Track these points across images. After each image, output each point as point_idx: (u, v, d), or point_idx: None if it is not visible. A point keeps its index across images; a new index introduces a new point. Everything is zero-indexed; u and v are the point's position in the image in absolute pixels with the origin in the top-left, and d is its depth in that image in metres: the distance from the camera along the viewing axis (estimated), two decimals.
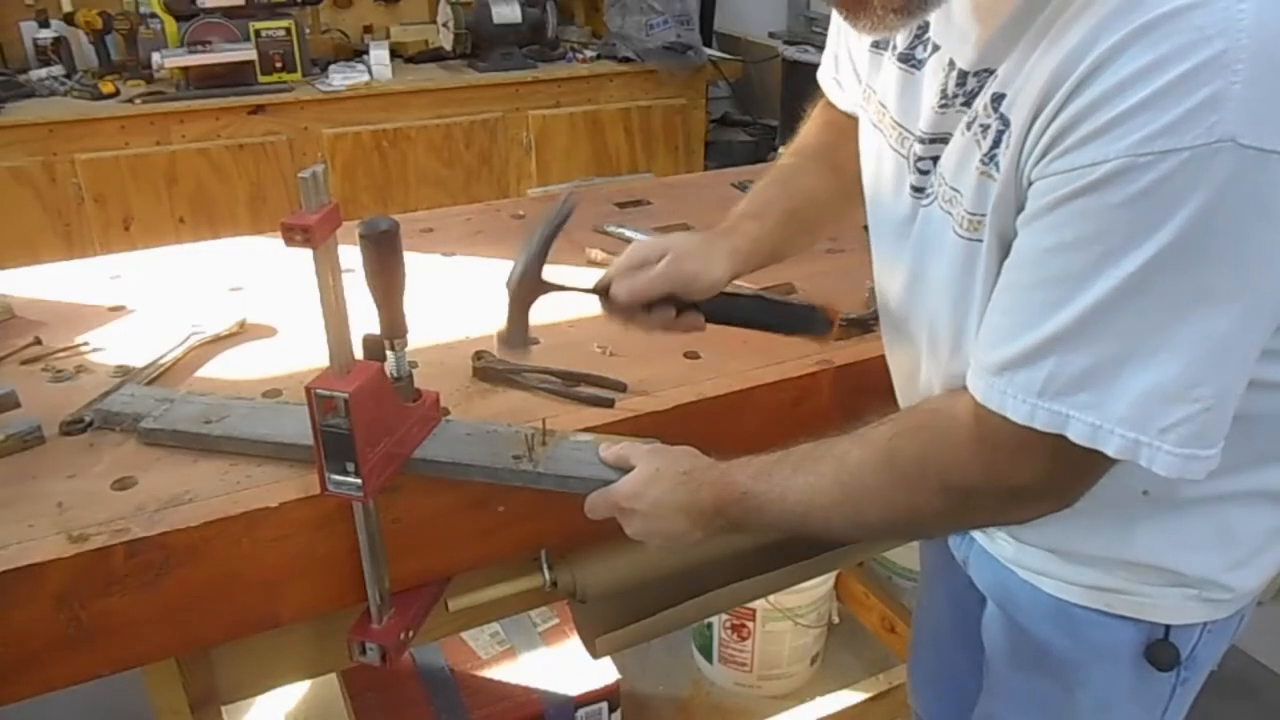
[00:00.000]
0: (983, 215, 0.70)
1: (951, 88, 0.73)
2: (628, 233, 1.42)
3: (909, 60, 0.81)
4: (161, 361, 1.07)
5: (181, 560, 0.81)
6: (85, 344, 1.12)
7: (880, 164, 0.86)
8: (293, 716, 1.80)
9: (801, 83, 3.04)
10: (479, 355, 1.07)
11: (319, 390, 0.77)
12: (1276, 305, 0.61)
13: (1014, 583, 0.89)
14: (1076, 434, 0.63)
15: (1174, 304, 0.58)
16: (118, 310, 1.22)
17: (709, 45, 3.51)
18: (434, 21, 3.21)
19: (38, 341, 1.12)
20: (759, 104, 3.71)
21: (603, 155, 3.19)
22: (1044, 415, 0.64)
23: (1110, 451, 0.62)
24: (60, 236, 2.65)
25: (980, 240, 0.71)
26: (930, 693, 1.22)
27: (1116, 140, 0.57)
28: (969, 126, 0.71)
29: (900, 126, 0.82)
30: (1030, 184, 0.64)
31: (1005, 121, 0.66)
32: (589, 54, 3.22)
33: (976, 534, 0.94)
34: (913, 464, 0.72)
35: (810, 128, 1.09)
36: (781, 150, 1.51)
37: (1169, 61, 0.55)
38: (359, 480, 0.79)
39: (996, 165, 0.67)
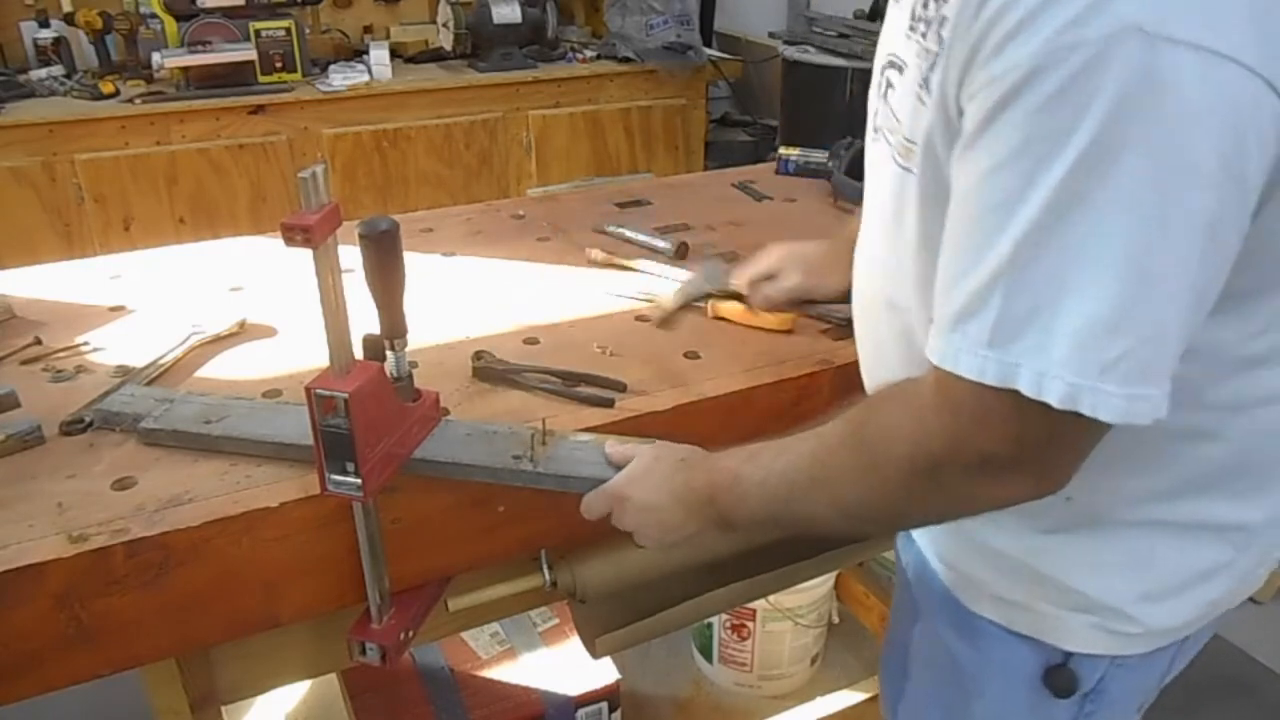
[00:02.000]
0: (915, 142, 0.67)
1: (919, 10, 0.69)
2: (627, 233, 1.42)
3: None
4: (161, 361, 1.07)
5: (181, 560, 0.81)
6: (85, 344, 1.12)
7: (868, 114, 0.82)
8: (293, 716, 1.79)
9: (802, 83, 3.04)
10: (478, 355, 1.07)
11: (319, 390, 0.77)
12: (1210, 223, 0.55)
13: (937, 585, 0.87)
14: (1026, 385, 0.58)
15: (1100, 220, 0.54)
16: (118, 310, 1.22)
17: (709, 45, 3.51)
18: (434, 21, 3.21)
19: (38, 341, 1.12)
20: (759, 104, 3.71)
21: (603, 155, 3.19)
22: (994, 368, 0.59)
23: (1053, 401, 0.57)
24: (60, 236, 2.66)
25: (912, 172, 0.68)
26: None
27: (1026, 42, 0.54)
28: (921, 53, 0.67)
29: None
30: (961, 112, 0.61)
31: (941, 43, 0.63)
32: (589, 54, 3.23)
33: (915, 533, 0.90)
34: (879, 437, 0.69)
35: None
36: (781, 150, 1.51)
37: None
38: (359, 480, 0.79)
39: (928, 88, 0.65)
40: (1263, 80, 0.52)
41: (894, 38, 0.73)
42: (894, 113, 0.72)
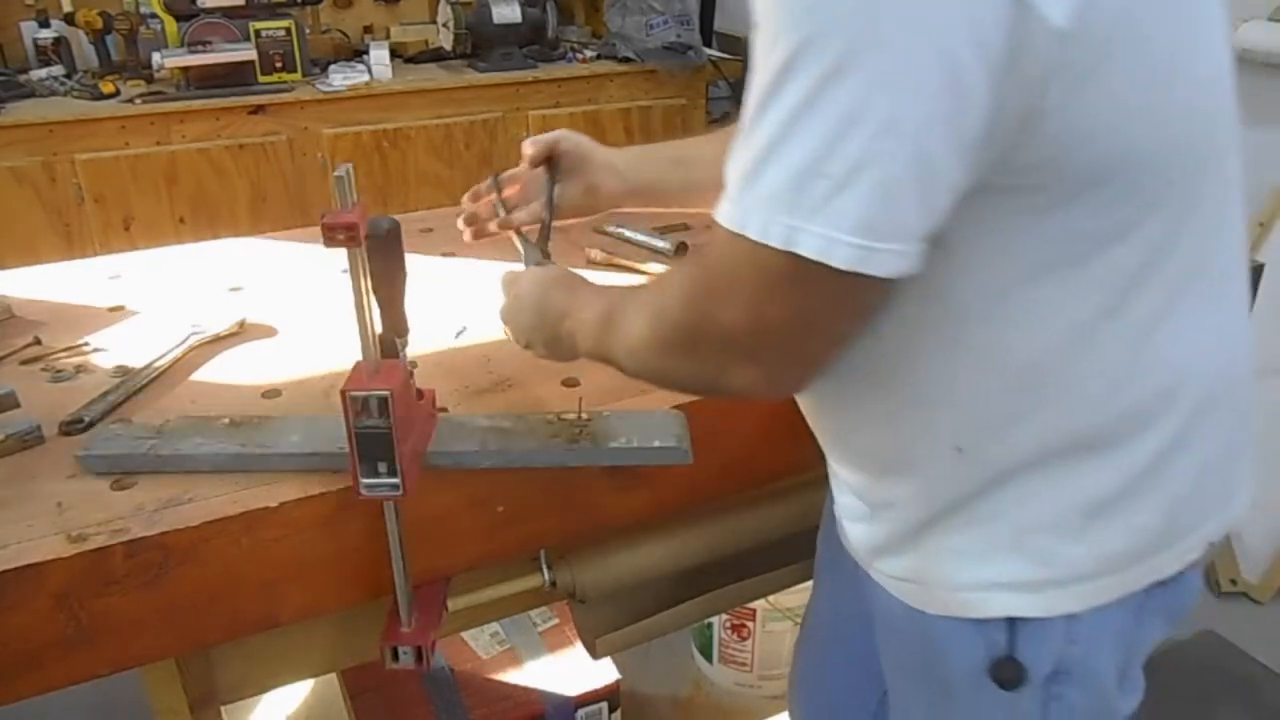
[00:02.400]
0: None
1: None
2: (627, 233, 1.42)
3: None
4: (160, 362, 1.07)
5: (181, 560, 0.81)
6: (85, 344, 1.12)
7: None
8: (293, 717, 1.79)
9: None
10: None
11: (355, 393, 0.76)
12: (912, 79, 0.55)
13: (881, 595, 0.84)
14: (755, 231, 0.59)
15: (804, 76, 0.56)
16: (118, 310, 1.22)
17: (709, 45, 3.51)
18: (434, 21, 3.21)
19: (37, 341, 1.12)
20: None
21: None
22: (737, 214, 0.61)
23: (775, 243, 0.58)
24: (60, 236, 2.66)
25: None
26: (805, 690, 1.16)
27: None
28: None
29: None
30: None
31: None
32: (589, 54, 3.22)
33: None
34: (664, 283, 0.74)
35: None
36: None
37: None
38: (396, 480, 0.79)
39: None
40: None
41: None
42: None
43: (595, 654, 1.12)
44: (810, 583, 1.12)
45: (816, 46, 0.55)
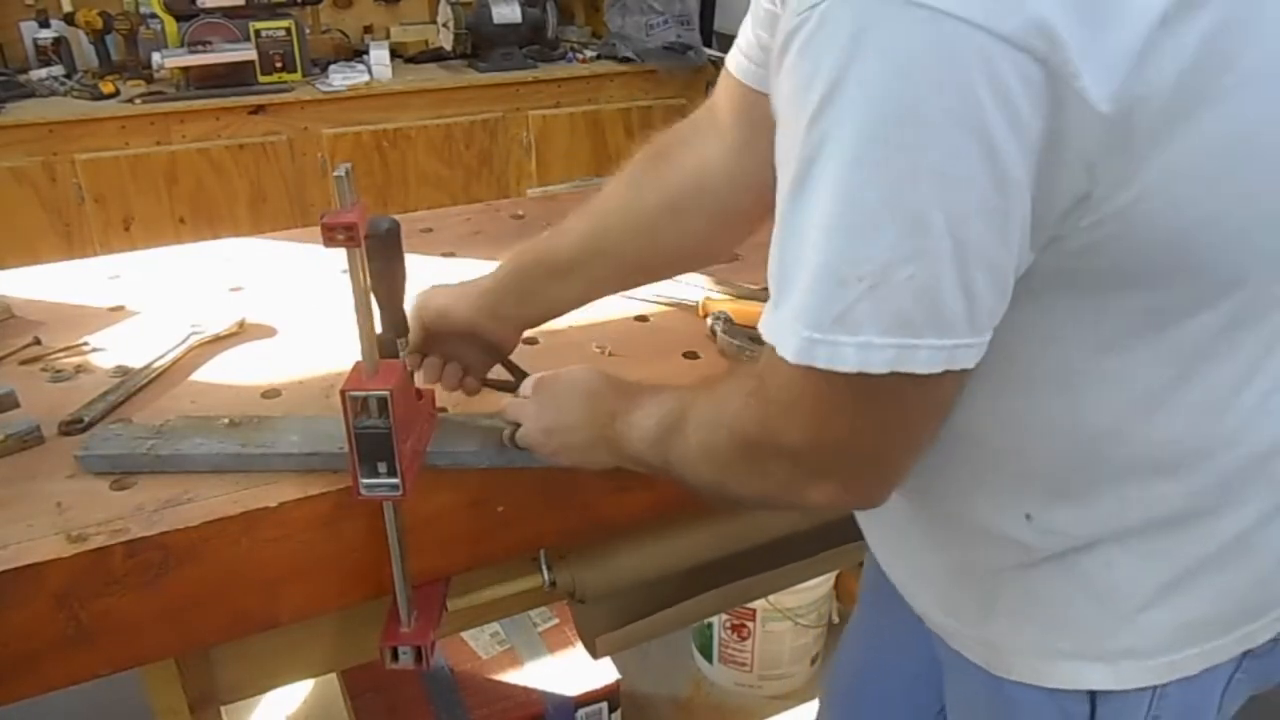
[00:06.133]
0: None
1: None
2: None
3: None
4: (160, 362, 1.07)
5: (181, 560, 0.81)
6: (85, 344, 1.12)
7: None
8: (293, 717, 1.79)
9: None
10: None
11: (354, 393, 0.76)
12: (942, 172, 0.52)
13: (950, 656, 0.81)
14: (792, 353, 0.56)
15: (833, 177, 0.53)
16: (118, 310, 1.22)
17: (709, 45, 3.50)
18: (434, 21, 3.21)
19: (37, 341, 1.12)
20: None
21: (603, 155, 3.19)
22: (776, 333, 0.58)
23: (789, 355, 0.56)
24: (60, 236, 2.66)
25: None
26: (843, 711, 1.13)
27: (787, 7, 0.55)
28: None
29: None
30: None
31: None
32: (589, 54, 3.23)
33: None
34: (723, 395, 0.68)
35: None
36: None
37: None
38: (396, 480, 0.79)
39: None
40: (987, 33, 0.49)
41: None
42: None
43: (595, 653, 1.12)
44: (810, 582, 1.12)
45: (836, 139, 0.53)
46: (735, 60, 0.88)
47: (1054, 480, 0.69)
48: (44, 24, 2.87)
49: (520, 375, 0.95)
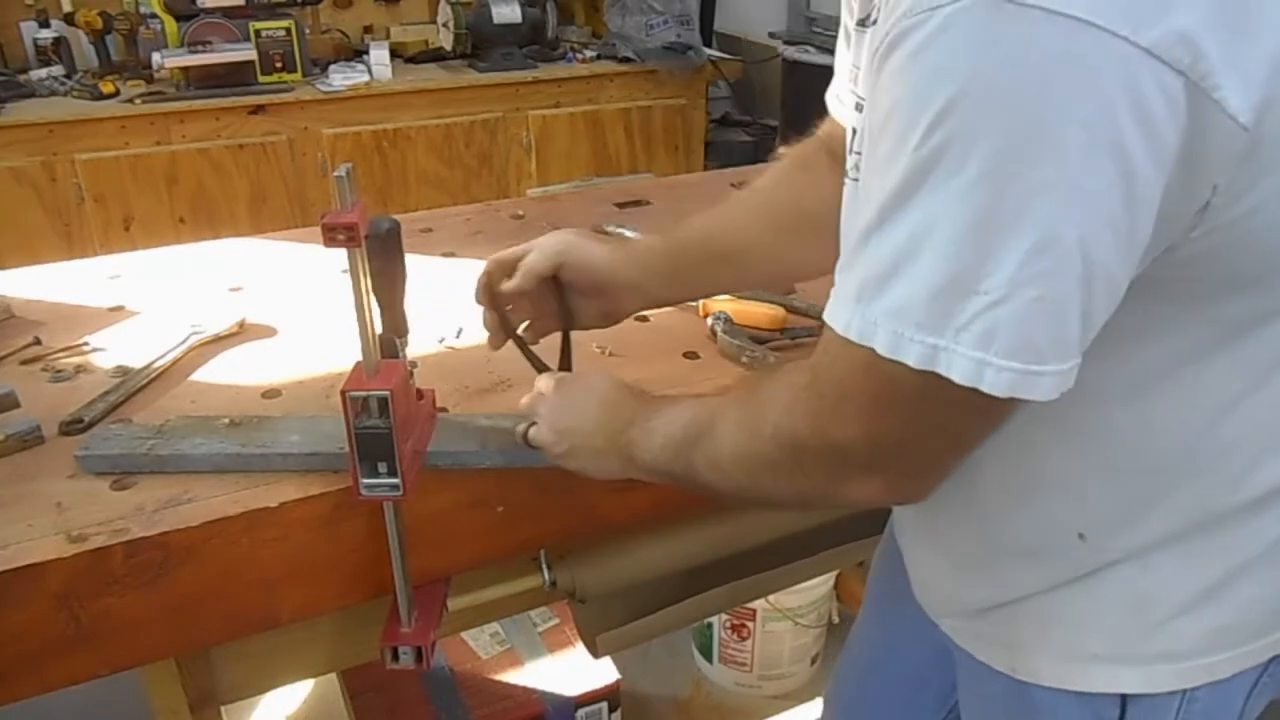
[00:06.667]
0: (860, 152, 0.65)
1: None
2: (627, 233, 1.42)
3: (865, 20, 0.71)
4: (160, 362, 1.07)
5: (181, 560, 0.81)
6: (85, 344, 1.12)
7: None
8: (293, 717, 1.80)
9: (802, 83, 3.04)
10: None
11: (355, 393, 0.76)
12: (1077, 191, 0.51)
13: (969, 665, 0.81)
14: (883, 346, 0.55)
15: (952, 180, 0.51)
16: (118, 310, 1.22)
17: (709, 45, 3.51)
18: (434, 21, 3.21)
19: (37, 341, 1.12)
20: (759, 104, 3.70)
21: (603, 155, 3.19)
22: (858, 324, 0.56)
23: (911, 361, 0.54)
24: (60, 236, 2.66)
25: (858, 180, 0.66)
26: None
27: (897, 7, 0.53)
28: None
29: (855, 94, 0.73)
30: None
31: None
32: (589, 54, 3.23)
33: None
34: (763, 400, 0.66)
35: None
36: (781, 150, 1.47)
37: None
38: (396, 480, 0.79)
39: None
40: (1128, 43, 0.48)
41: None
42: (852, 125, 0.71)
43: (596, 653, 1.12)
44: (810, 582, 1.12)
45: (962, 146, 0.50)
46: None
47: (1113, 499, 0.68)
48: (44, 24, 2.87)
49: (542, 367, 0.96)
